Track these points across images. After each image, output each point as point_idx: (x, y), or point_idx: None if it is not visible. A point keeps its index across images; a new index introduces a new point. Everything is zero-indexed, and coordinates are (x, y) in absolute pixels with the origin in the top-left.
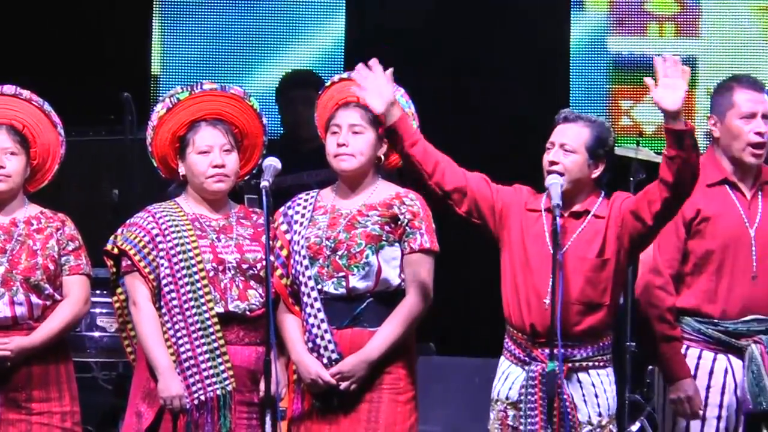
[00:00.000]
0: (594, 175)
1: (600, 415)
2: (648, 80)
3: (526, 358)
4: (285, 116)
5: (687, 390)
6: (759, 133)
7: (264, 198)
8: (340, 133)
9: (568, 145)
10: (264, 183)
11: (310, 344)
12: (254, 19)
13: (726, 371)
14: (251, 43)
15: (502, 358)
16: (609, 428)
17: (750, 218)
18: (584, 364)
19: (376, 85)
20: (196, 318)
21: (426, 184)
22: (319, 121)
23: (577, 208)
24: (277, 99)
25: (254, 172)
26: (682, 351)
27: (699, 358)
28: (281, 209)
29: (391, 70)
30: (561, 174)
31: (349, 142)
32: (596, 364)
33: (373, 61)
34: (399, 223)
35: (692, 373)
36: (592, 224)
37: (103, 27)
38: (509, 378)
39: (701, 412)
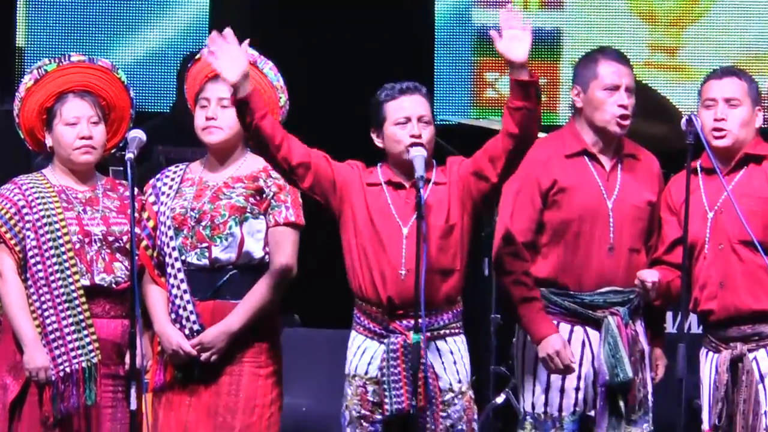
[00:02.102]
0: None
1: (460, 381)
2: (492, 32)
3: (383, 331)
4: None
5: (554, 345)
6: (622, 105)
7: (129, 170)
8: (209, 107)
9: (425, 117)
10: (129, 155)
11: (173, 315)
12: None
13: (583, 343)
14: (117, 15)
15: (354, 332)
16: (468, 394)
17: (608, 190)
18: (442, 332)
19: (231, 56)
20: (62, 290)
21: (273, 158)
22: (189, 95)
23: None
24: (178, 75)
25: (120, 144)
26: None
27: None
28: (151, 181)
29: (247, 41)
30: (424, 146)
31: (217, 116)
32: (453, 331)
33: (227, 31)
34: (264, 196)
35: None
36: (435, 192)
37: None
38: (366, 353)
39: (574, 365)
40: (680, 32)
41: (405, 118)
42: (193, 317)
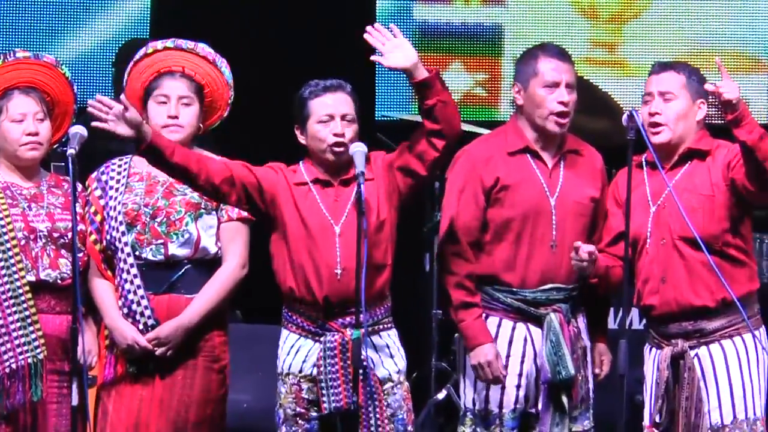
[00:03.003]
0: None
1: (398, 372)
2: (374, 57)
3: (318, 330)
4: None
5: (487, 355)
6: (562, 102)
7: (70, 166)
8: (169, 104)
9: (349, 115)
10: (71, 150)
11: (125, 310)
12: None
13: (525, 340)
14: (58, 10)
15: (286, 331)
16: (405, 384)
17: (551, 187)
18: (375, 327)
19: (115, 113)
20: (7, 287)
21: (196, 185)
22: (133, 89)
23: (346, 175)
24: (115, 66)
25: (63, 140)
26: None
27: (498, 326)
28: (94, 175)
29: (123, 98)
30: (346, 145)
31: (179, 114)
32: (386, 326)
33: (99, 96)
34: None
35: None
36: (364, 188)
37: None
38: (301, 351)
39: (503, 377)
40: (620, 28)
41: (328, 115)
42: (147, 312)
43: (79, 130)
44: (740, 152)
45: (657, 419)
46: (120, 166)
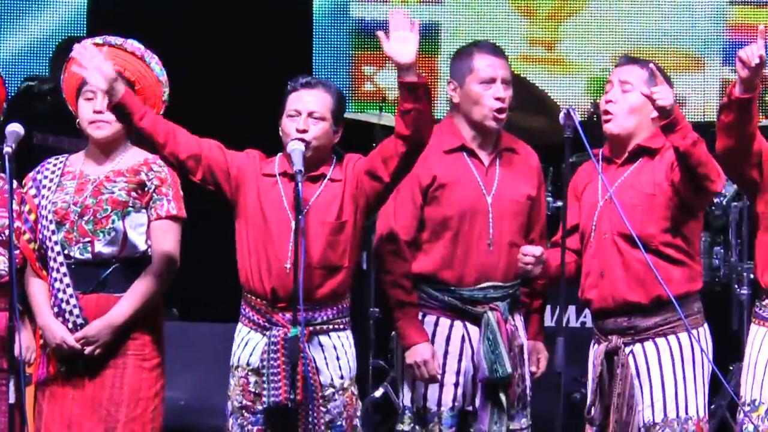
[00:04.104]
0: (335, 141)
1: (342, 377)
2: (380, 33)
3: (266, 324)
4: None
5: (423, 354)
6: (498, 98)
7: (6, 164)
8: (95, 99)
9: (316, 113)
10: (7, 149)
11: (56, 309)
12: None
13: (463, 338)
14: None
15: (240, 324)
16: (351, 390)
17: (487, 185)
18: (325, 327)
19: (95, 64)
20: None
21: (161, 155)
22: (69, 85)
23: (314, 172)
24: (55, 63)
25: None
26: (420, 318)
27: (436, 324)
28: (30, 173)
29: (105, 49)
30: (309, 142)
31: (105, 109)
32: (337, 326)
33: (87, 43)
34: (146, 189)
35: (430, 339)
36: (329, 188)
37: None
38: (249, 344)
39: (439, 376)
40: (558, 26)
41: (296, 111)
42: (76, 311)
43: (15, 128)
44: (675, 157)
45: (590, 415)
46: (55, 165)
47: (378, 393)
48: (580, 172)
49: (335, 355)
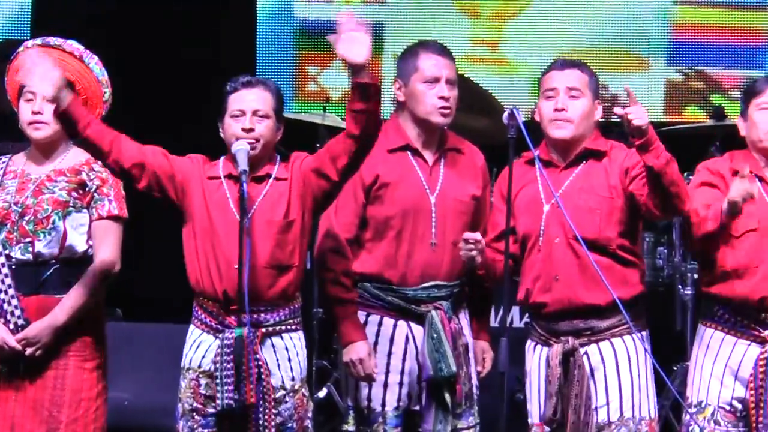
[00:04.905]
0: (278, 138)
1: (293, 379)
2: (331, 37)
3: (219, 326)
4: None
5: (359, 352)
6: (443, 98)
7: None
8: (35, 101)
9: (261, 111)
10: None
11: None
12: None
13: (407, 338)
14: None
15: (192, 326)
16: (301, 392)
17: (431, 185)
18: (277, 328)
19: (43, 71)
20: None
21: (106, 164)
22: (12, 87)
23: (259, 172)
24: None
25: None
26: (363, 318)
27: (380, 324)
28: None
29: (53, 59)
30: (257, 141)
31: (44, 110)
32: (288, 327)
33: (34, 50)
34: (87, 189)
35: (373, 339)
36: (275, 187)
37: None
38: (201, 346)
39: (375, 375)
40: (501, 26)
41: (240, 110)
42: (18, 312)
43: None
44: (646, 175)
45: (551, 416)
46: None
47: (321, 393)
48: (505, 175)
49: (287, 357)
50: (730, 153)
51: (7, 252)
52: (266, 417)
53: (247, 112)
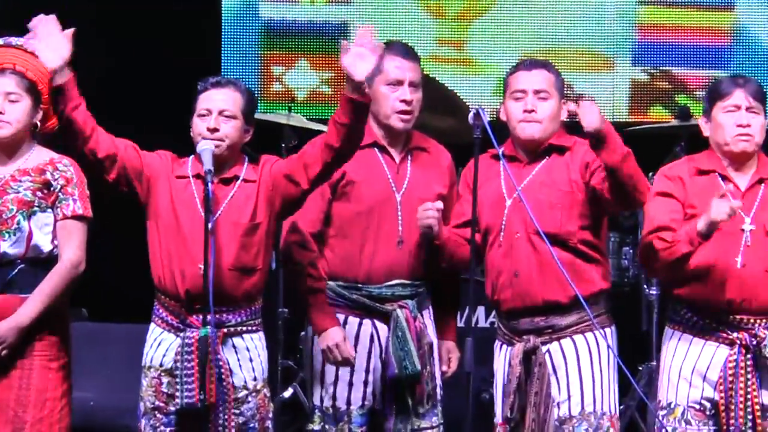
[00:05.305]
0: (246, 140)
1: (255, 379)
2: (344, 43)
3: (180, 325)
4: None
5: (335, 338)
6: (404, 101)
7: None
8: None
9: (227, 111)
10: None
11: None
12: None
13: (372, 336)
14: None
15: (153, 325)
16: (263, 392)
17: (397, 183)
18: (239, 328)
19: (53, 41)
20: None
21: (81, 149)
22: None
23: (227, 173)
24: None
25: None
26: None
27: (344, 323)
28: None
29: (71, 30)
30: (221, 140)
31: (5, 110)
32: (250, 328)
33: (52, 17)
34: (52, 188)
35: (341, 324)
36: (242, 189)
37: None
38: (162, 345)
39: (353, 359)
40: (467, 26)
41: (206, 110)
42: None
43: None
44: (605, 171)
45: (509, 415)
46: None
47: (287, 393)
48: (471, 167)
49: (248, 357)
50: (688, 157)
51: None
52: (227, 416)
53: (213, 111)
